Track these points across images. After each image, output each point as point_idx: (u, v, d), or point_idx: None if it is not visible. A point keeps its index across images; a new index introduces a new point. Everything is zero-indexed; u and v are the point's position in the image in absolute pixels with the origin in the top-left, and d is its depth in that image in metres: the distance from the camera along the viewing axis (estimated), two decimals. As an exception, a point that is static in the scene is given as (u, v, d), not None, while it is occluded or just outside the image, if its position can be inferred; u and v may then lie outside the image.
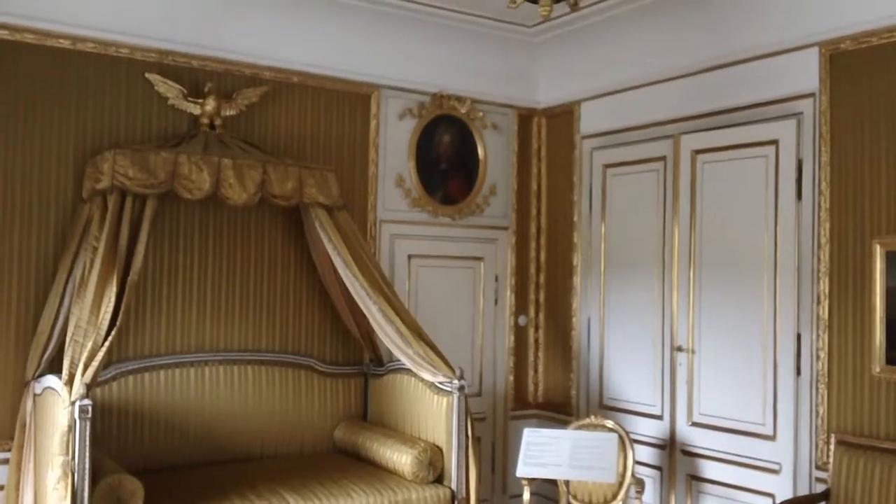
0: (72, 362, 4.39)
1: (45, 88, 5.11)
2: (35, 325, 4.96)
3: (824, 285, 4.97)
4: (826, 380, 4.94)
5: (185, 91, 5.49)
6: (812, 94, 5.07)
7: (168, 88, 5.45)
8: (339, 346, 6.10)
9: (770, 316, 5.25)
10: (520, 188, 7.07)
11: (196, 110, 5.51)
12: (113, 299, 4.55)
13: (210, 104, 5.49)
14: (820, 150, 5.02)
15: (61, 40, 5.14)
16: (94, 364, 4.34)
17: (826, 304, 4.96)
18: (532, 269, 7.12)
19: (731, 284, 5.49)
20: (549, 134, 7.11)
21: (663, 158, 6.00)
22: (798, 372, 5.11)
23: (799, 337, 5.11)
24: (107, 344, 4.45)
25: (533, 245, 7.12)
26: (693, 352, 5.70)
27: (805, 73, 5.10)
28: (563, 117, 6.95)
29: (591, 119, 6.69)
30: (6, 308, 5.01)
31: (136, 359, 5.32)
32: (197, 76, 5.57)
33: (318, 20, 5.96)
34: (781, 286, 5.19)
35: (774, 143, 5.27)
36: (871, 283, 4.74)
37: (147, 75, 5.40)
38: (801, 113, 5.14)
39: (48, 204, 5.11)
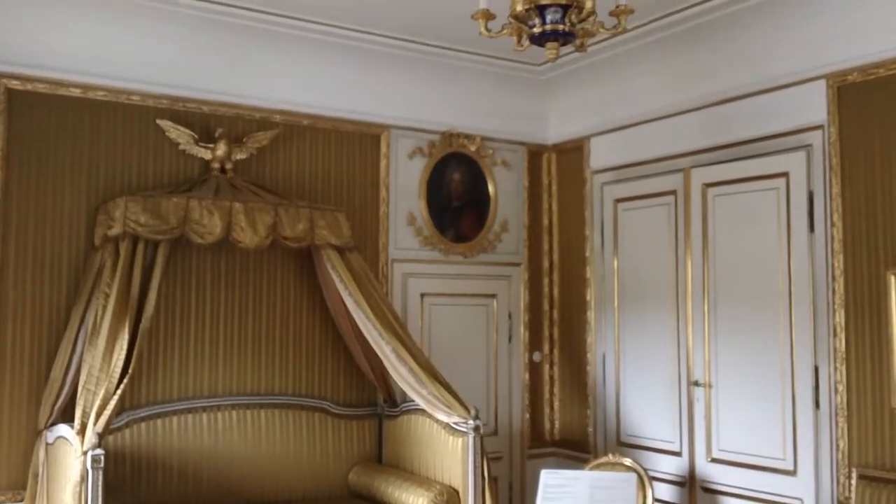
0: (84, 411, 4.39)
1: (58, 137, 5.17)
2: (47, 373, 4.97)
3: (840, 317, 4.91)
4: (846, 413, 4.87)
5: (195, 136, 5.53)
6: (821, 126, 5.06)
7: (179, 134, 5.50)
8: (353, 388, 6.08)
9: (787, 349, 5.19)
10: (531, 224, 7.07)
11: (207, 155, 5.55)
12: (125, 346, 4.57)
13: (221, 149, 5.53)
14: (830, 181, 4.99)
15: (73, 89, 5.21)
16: (107, 413, 4.34)
17: (843, 336, 4.90)
18: (546, 305, 7.09)
19: (745, 318, 5.44)
20: (560, 169, 7.12)
21: (674, 192, 5.99)
22: (817, 405, 5.04)
23: (816, 370, 5.05)
24: (119, 392, 4.46)
25: (546, 281, 7.10)
26: (710, 386, 5.63)
27: (813, 106, 5.09)
28: (573, 153, 6.96)
29: (600, 154, 6.69)
30: (19, 356, 5.02)
31: (149, 405, 5.31)
32: (208, 121, 5.63)
33: (327, 62, 6.02)
34: (797, 319, 5.14)
35: (785, 175, 5.25)
36: (887, 315, 4.68)
37: (158, 121, 5.46)
38: (811, 145, 5.12)
39: (60, 251, 5.14)
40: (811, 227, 5.11)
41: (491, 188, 6.85)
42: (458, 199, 6.74)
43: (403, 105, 6.42)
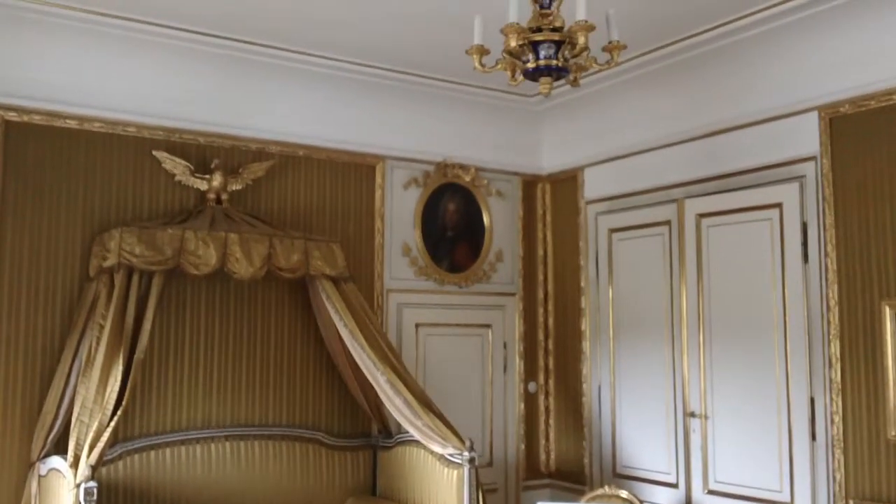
0: (77, 443, 4.37)
1: (53, 168, 5.18)
2: (41, 405, 4.93)
3: (835, 348, 4.92)
4: (842, 444, 4.86)
5: (191, 167, 5.55)
6: (813, 158, 5.10)
7: (175, 165, 5.52)
8: (347, 419, 6.05)
9: (782, 380, 5.19)
10: (526, 254, 7.08)
11: (203, 186, 5.56)
12: (119, 378, 4.55)
13: (217, 180, 5.54)
14: (824, 212, 5.02)
15: (69, 121, 5.23)
16: (100, 445, 4.32)
17: (838, 367, 4.90)
18: (541, 335, 7.08)
19: (741, 348, 5.44)
20: (554, 199, 7.15)
21: (668, 222, 6.01)
22: (813, 437, 5.03)
23: (812, 401, 5.04)
24: (112, 424, 4.43)
25: (541, 311, 7.10)
26: (706, 417, 5.62)
27: (805, 137, 5.13)
28: (567, 183, 6.99)
29: (595, 184, 6.72)
30: (12, 387, 4.99)
31: (143, 437, 5.27)
32: (203, 152, 5.64)
33: (323, 93, 6.05)
34: (792, 350, 5.15)
35: (778, 206, 5.28)
36: (882, 346, 4.69)
37: (154, 153, 5.47)
38: (804, 176, 5.16)
39: (55, 282, 5.13)
40: (805, 258, 5.12)
41: (486, 218, 6.87)
42: (452, 229, 6.76)
43: (398, 135, 6.46)
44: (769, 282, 5.30)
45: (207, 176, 5.55)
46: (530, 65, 3.29)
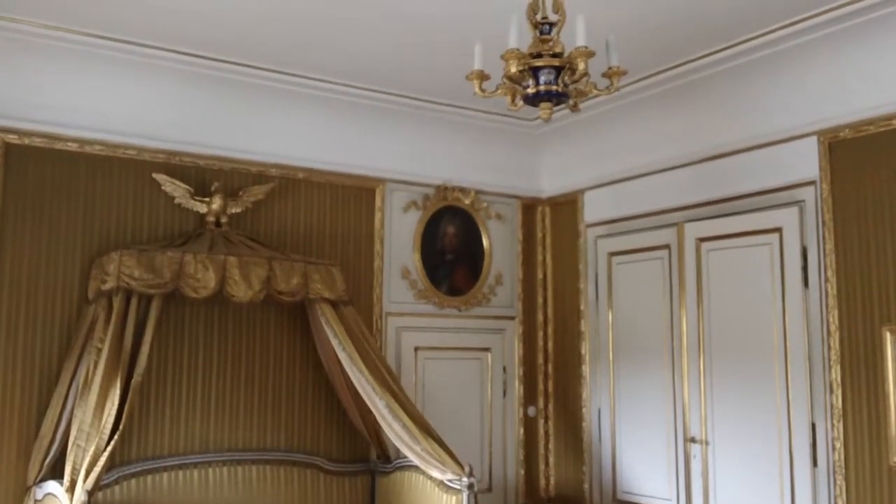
0: (74, 467, 4.34)
1: (53, 190, 5.18)
2: (37, 428, 4.90)
3: (836, 374, 4.90)
4: (843, 471, 4.83)
5: (191, 190, 5.55)
6: (813, 182, 5.10)
7: (175, 188, 5.52)
8: (346, 444, 6.01)
9: (783, 405, 5.17)
10: (526, 277, 7.07)
11: (202, 209, 5.56)
12: (116, 402, 4.53)
13: (216, 202, 5.54)
14: (823, 237, 5.02)
15: (70, 143, 5.24)
16: (97, 469, 4.29)
17: (839, 392, 4.88)
18: (540, 359, 7.06)
19: (741, 373, 5.42)
20: (554, 223, 7.15)
21: (668, 246, 6.01)
22: (815, 463, 4.99)
23: (814, 427, 5.01)
24: (109, 448, 4.40)
25: (540, 334, 7.08)
26: (706, 443, 5.59)
27: (805, 162, 5.14)
28: (566, 206, 6.99)
29: (594, 208, 6.73)
30: (9, 410, 4.96)
31: (140, 461, 5.23)
32: (203, 175, 5.65)
33: (323, 117, 6.06)
34: (793, 375, 5.12)
35: (778, 230, 5.28)
36: (882, 371, 4.67)
37: (154, 175, 5.48)
38: (804, 201, 5.16)
39: (53, 305, 5.11)
40: (805, 283, 5.11)
41: (485, 241, 6.87)
42: (452, 252, 6.75)
43: (398, 159, 6.47)
44: (769, 306, 5.28)
45: (207, 199, 5.56)
46: (530, 90, 3.29)
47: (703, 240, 5.75)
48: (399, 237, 6.47)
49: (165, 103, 5.50)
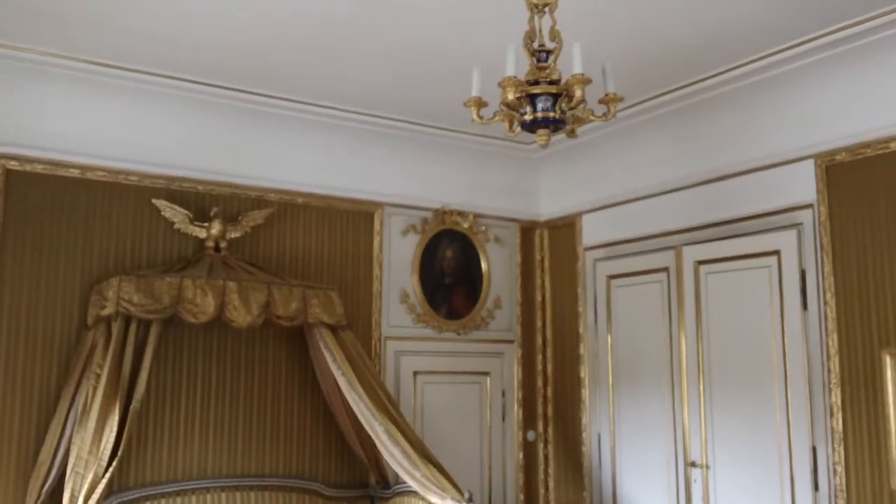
0: (72, 494, 4.33)
1: (54, 216, 5.20)
2: (36, 455, 4.88)
3: (836, 397, 4.89)
4: (845, 495, 4.80)
5: (191, 215, 5.56)
6: (810, 205, 5.12)
7: (174, 213, 5.53)
8: (345, 469, 5.98)
9: (784, 429, 5.15)
10: (524, 301, 7.07)
11: (202, 234, 5.57)
12: (115, 429, 4.52)
13: (216, 227, 5.55)
14: (822, 260, 5.02)
15: (71, 169, 5.25)
16: (95, 496, 4.28)
17: (840, 416, 4.86)
18: (539, 383, 7.04)
19: (741, 397, 5.41)
20: (552, 246, 7.16)
21: (666, 269, 6.02)
22: (816, 487, 4.97)
23: (815, 450, 5.00)
24: (108, 475, 4.38)
25: (539, 358, 7.07)
26: (707, 467, 5.57)
27: (802, 185, 5.16)
28: (565, 229, 7.01)
29: (592, 231, 6.74)
30: (7, 436, 4.94)
31: (138, 488, 5.20)
32: (203, 200, 5.66)
33: (322, 141, 6.09)
34: (793, 398, 5.11)
35: (776, 253, 5.28)
36: (883, 395, 4.66)
37: (154, 201, 5.49)
38: (801, 223, 5.17)
39: (52, 331, 5.11)
40: (804, 306, 5.11)
41: (484, 264, 6.87)
42: (450, 275, 6.75)
43: (397, 183, 6.49)
44: (769, 329, 5.28)
45: (206, 224, 5.57)
46: (528, 117, 3.31)
47: (701, 262, 5.75)
48: (398, 261, 6.48)
49: (166, 129, 5.53)
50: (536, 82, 3.30)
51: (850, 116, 4.91)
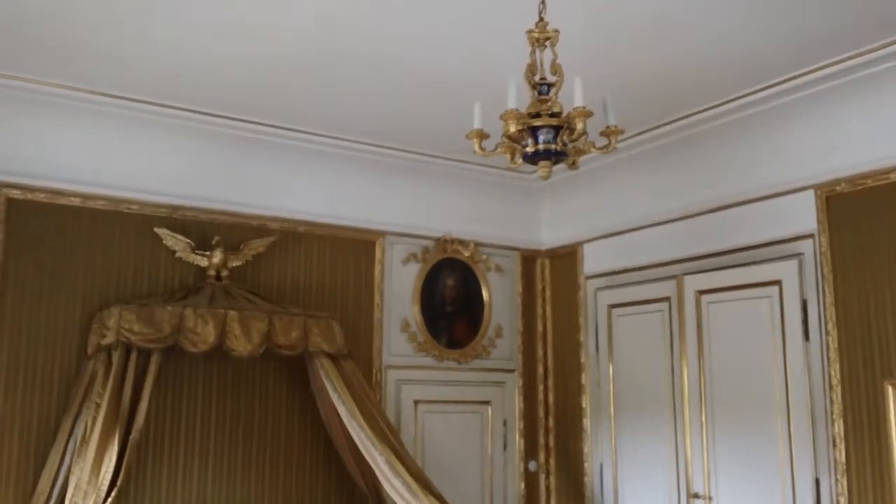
0: (70, 526, 4.28)
1: (55, 245, 5.20)
2: (35, 485, 4.84)
3: (839, 428, 4.86)
4: (849, 527, 4.77)
5: (192, 244, 5.57)
6: (811, 236, 5.12)
7: (176, 242, 5.54)
8: (345, 499, 5.93)
9: (786, 460, 5.12)
10: (526, 330, 7.05)
11: (203, 262, 5.57)
12: (114, 459, 4.50)
13: (217, 256, 5.56)
14: (823, 290, 5.02)
15: (73, 198, 5.27)
16: (93, 528, 4.24)
17: (842, 447, 4.83)
18: (541, 412, 7.00)
19: (744, 427, 5.38)
20: (553, 275, 7.16)
21: (668, 299, 6.01)
22: (819, 519, 4.94)
23: (818, 482, 4.96)
24: (106, 506, 4.35)
25: (541, 387, 7.04)
26: (710, 498, 5.53)
27: (803, 215, 5.16)
28: (566, 258, 7.01)
29: (594, 260, 6.74)
30: (6, 466, 4.91)
31: (136, 518, 5.18)
32: (204, 229, 5.67)
33: (324, 171, 6.11)
34: (796, 429, 5.09)
35: (777, 283, 5.28)
36: (886, 426, 4.64)
37: (156, 230, 5.50)
38: (802, 253, 5.17)
39: (53, 360, 5.10)
40: (806, 336, 5.10)
41: (485, 293, 6.87)
42: (451, 304, 6.75)
43: (398, 212, 6.50)
44: (770, 359, 5.27)
45: (208, 252, 5.57)
46: (529, 149, 3.32)
47: (702, 292, 5.75)
48: (399, 290, 6.48)
49: (167, 158, 5.55)
50: (538, 115, 3.31)
51: (850, 147, 4.93)
